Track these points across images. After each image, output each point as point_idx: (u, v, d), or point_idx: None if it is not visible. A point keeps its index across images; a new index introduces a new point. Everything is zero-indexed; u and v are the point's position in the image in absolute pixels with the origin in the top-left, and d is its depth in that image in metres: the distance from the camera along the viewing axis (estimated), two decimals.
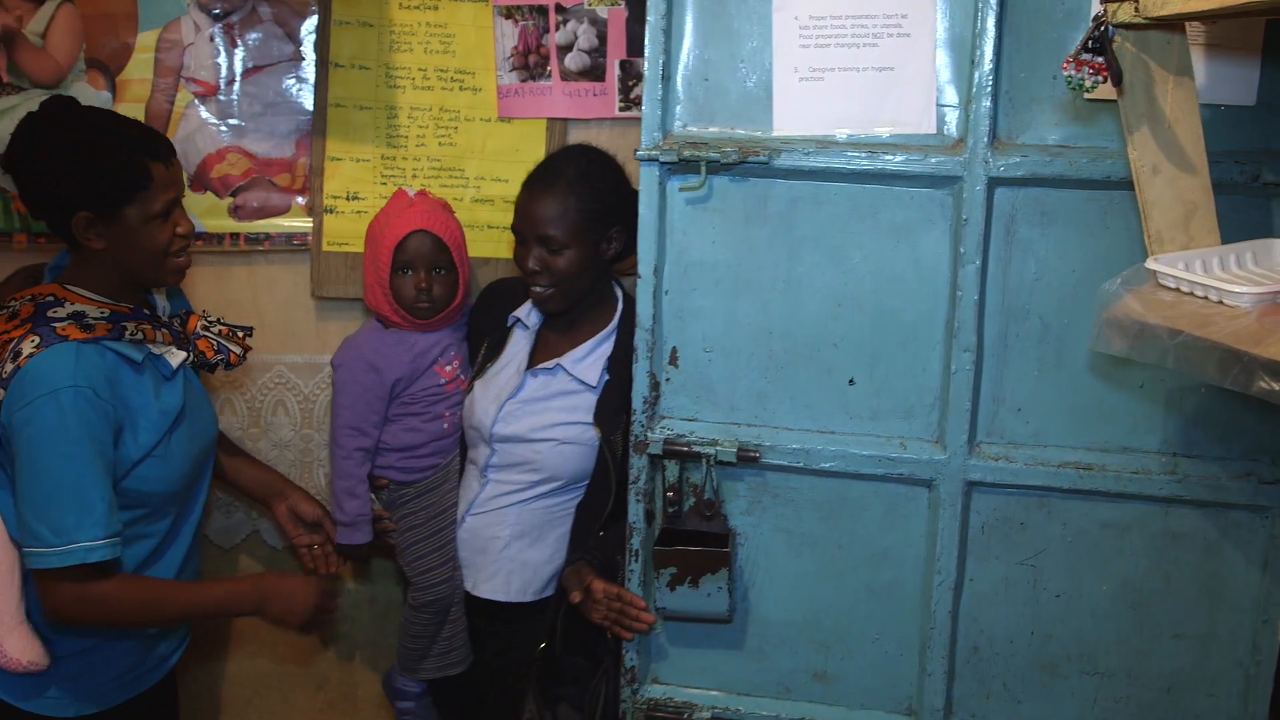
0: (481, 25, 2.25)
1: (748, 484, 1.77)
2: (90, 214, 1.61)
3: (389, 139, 2.27)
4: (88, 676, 1.73)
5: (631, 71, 2.27)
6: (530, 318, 2.02)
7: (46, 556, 1.55)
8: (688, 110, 1.73)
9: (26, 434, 1.54)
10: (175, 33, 2.22)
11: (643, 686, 1.85)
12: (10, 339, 1.59)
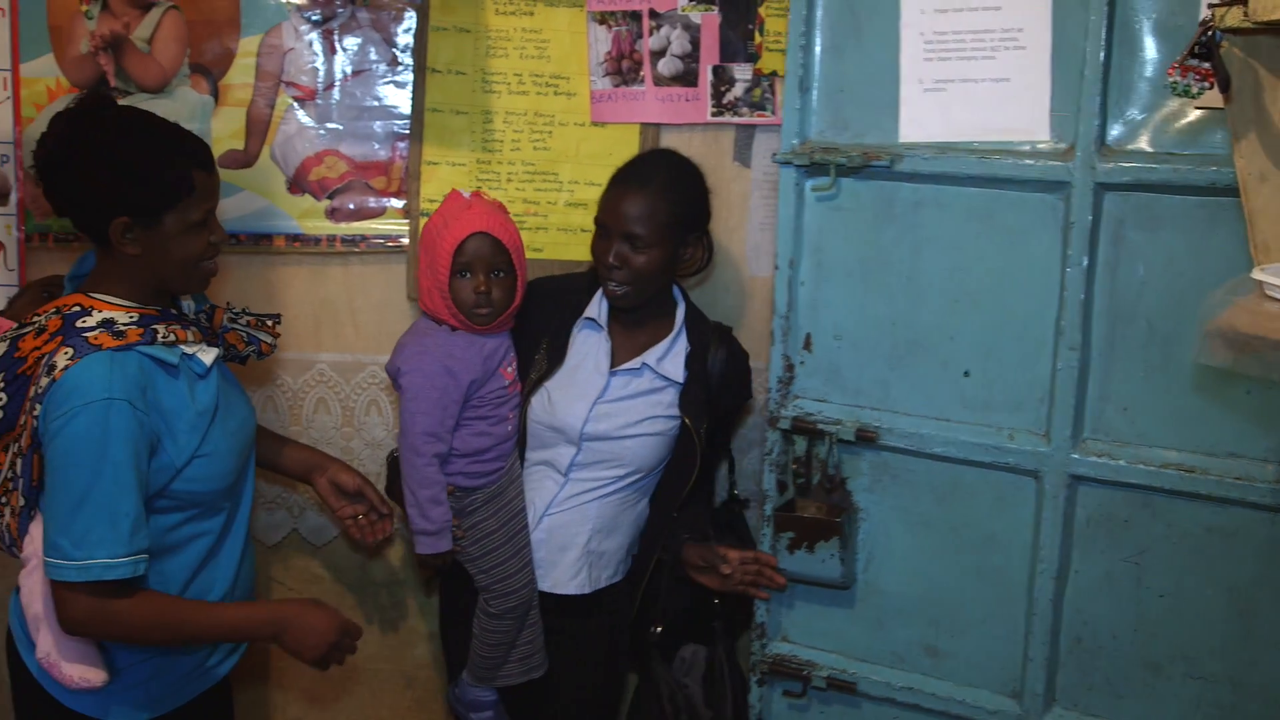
0: (576, 31, 2.30)
1: (869, 463, 1.90)
2: (130, 219, 1.59)
3: (484, 143, 2.32)
4: (154, 681, 1.74)
5: (724, 77, 2.32)
6: (602, 316, 2.05)
7: (64, 569, 1.53)
8: (823, 118, 1.88)
9: (58, 444, 1.52)
10: (276, 38, 2.26)
11: (771, 642, 2.01)
12: (42, 354, 1.57)
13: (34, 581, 1.63)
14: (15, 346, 1.61)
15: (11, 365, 1.59)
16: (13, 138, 2.22)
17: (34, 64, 2.22)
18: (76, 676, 1.61)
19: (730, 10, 2.30)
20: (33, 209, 2.26)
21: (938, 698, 1.89)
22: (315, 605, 1.76)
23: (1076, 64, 1.67)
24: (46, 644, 1.62)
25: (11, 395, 1.58)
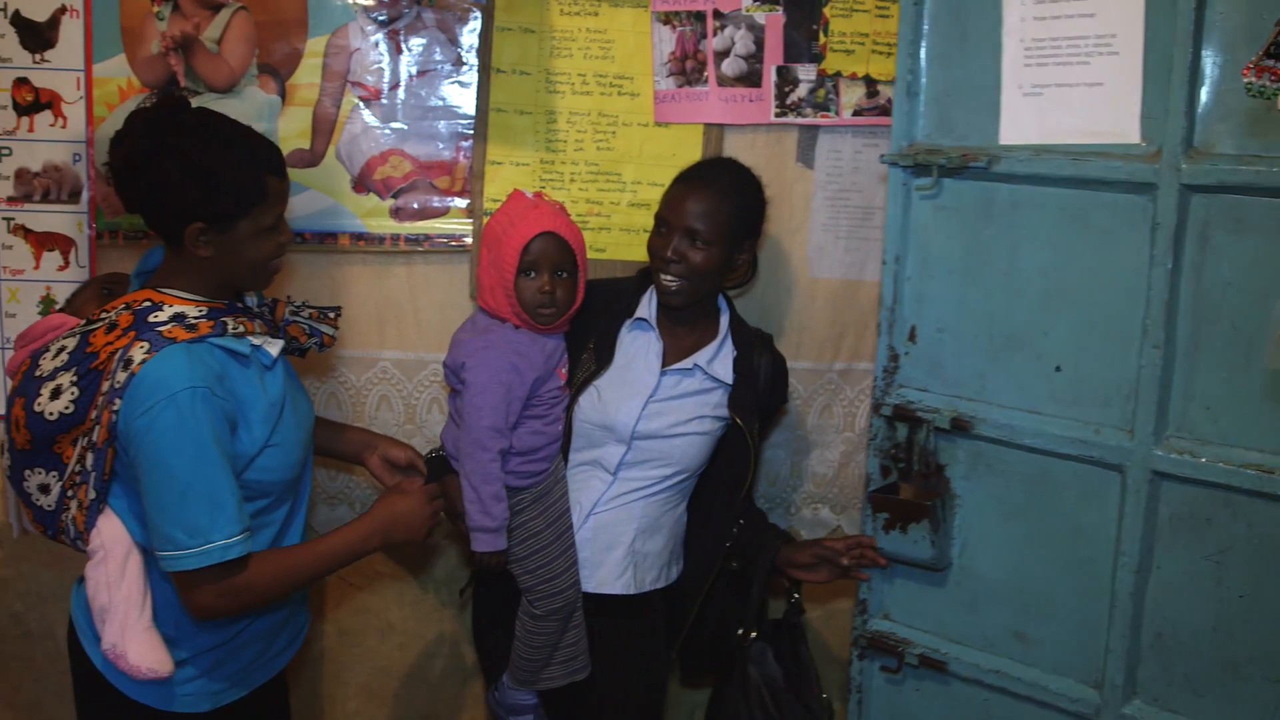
0: (640, 31, 2.30)
1: (965, 452, 1.97)
2: (205, 224, 1.61)
3: (548, 143, 2.33)
4: (218, 671, 1.76)
5: (788, 77, 2.32)
6: (653, 317, 2.06)
7: (184, 558, 1.56)
8: (930, 122, 1.96)
9: (149, 439, 1.54)
10: (343, 38, 2.28)
11: (872, 619, 2.11)
12: (116, 349, 1.59)
13: (100, 573, 1.64)
14: (86, 341, 1.62)
15: (84, 360, 1.61)
16: (85, 137, 2.24)
17: (106, 64, 2.24)
18: (145, 667, 1.62)
19: (795, 10, 2.30)
20: (104, 207, 2.28)
21: (1023, 682, 1.93)
22: (395, 495, 1.85)
23: (1164, 67, 1.69)
24: (113, 635, 1.63)
25: (83, 390, 1.60)
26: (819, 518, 2.49)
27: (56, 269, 2.29)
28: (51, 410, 1.60)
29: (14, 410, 1.65)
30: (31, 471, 1.66)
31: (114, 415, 1.56)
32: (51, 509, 1.68)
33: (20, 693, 2.46)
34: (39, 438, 1.62)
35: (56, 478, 1.65)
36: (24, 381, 1.65)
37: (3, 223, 2.27)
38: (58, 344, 1.66)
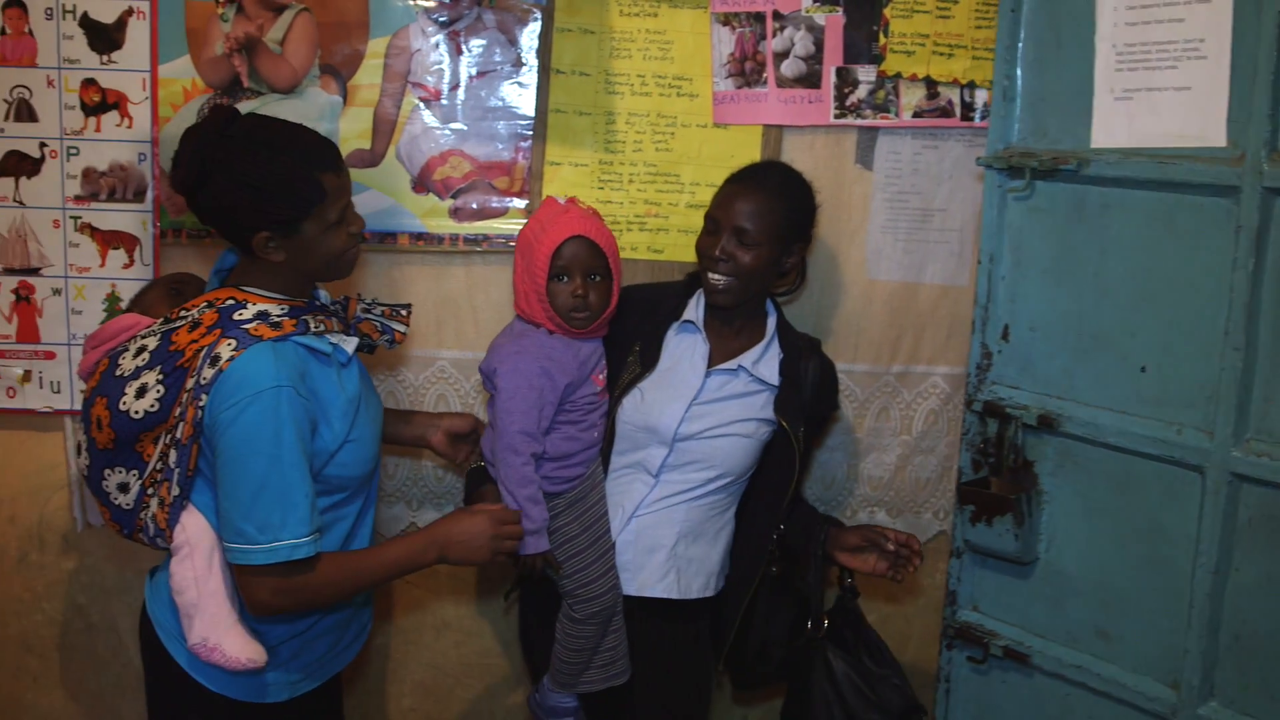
0: (699, 32, 2.30)
1: (1054, 448, 1.99)
2: (270, 232, 1.64)
3: (606, 144, 2.33)
4: (295, 662, 1.78)
5: (847, 79, 2.32)
6: (700, 319, 2.05)
7: (252, 553, 1.58)
8: (1025, 125, 2.01)
9: (231, 433, 1.57)
10: (404, 39, 2.29)
11: (961, 610, 2.15)
12: (201, 346, 1.61)
13: (185, 569, 1.66)
14: (169, 340, 1.64)
15: (169, 358, 1.63)
16: (150, 137, 2.27)
17: (171, 65, 2.27)
18: (244, 658, 1.64)
19: (855, 11, 2.30)
20: (168, 206, 2.31)
21: (1103, 679, 1.94)
22: (462, 513, 1.83)
23: (1250, 72, 1.69)
24: (204, 629, 1.65)
25: (168, 388, 1.62)
26: (875, 521, 2.48)
27: (121, 267, 2.32)
28: (137, 409, 1.62)
29: (95, 410, 1.67)
30: (111, 471, 1.68)
31: (200, 411, 1.58)
32: (130, 508, 1.69)
33: (84, 685, 2.50)
34: (123, 437, 1.64)
35: (136, 476, 1.67)
36: (104, 381, 1.67)
37: (70, 221, 2.31)
38: (137, 343, 1.68)
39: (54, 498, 2.41)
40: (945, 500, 2.48)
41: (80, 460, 1.72)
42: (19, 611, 2.46)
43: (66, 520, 2.42)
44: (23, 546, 2.44)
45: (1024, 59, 1.98)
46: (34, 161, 2.28)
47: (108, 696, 2.50)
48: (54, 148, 2.28)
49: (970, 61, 2.32)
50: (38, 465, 2.40)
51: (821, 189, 2.31)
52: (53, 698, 2.50)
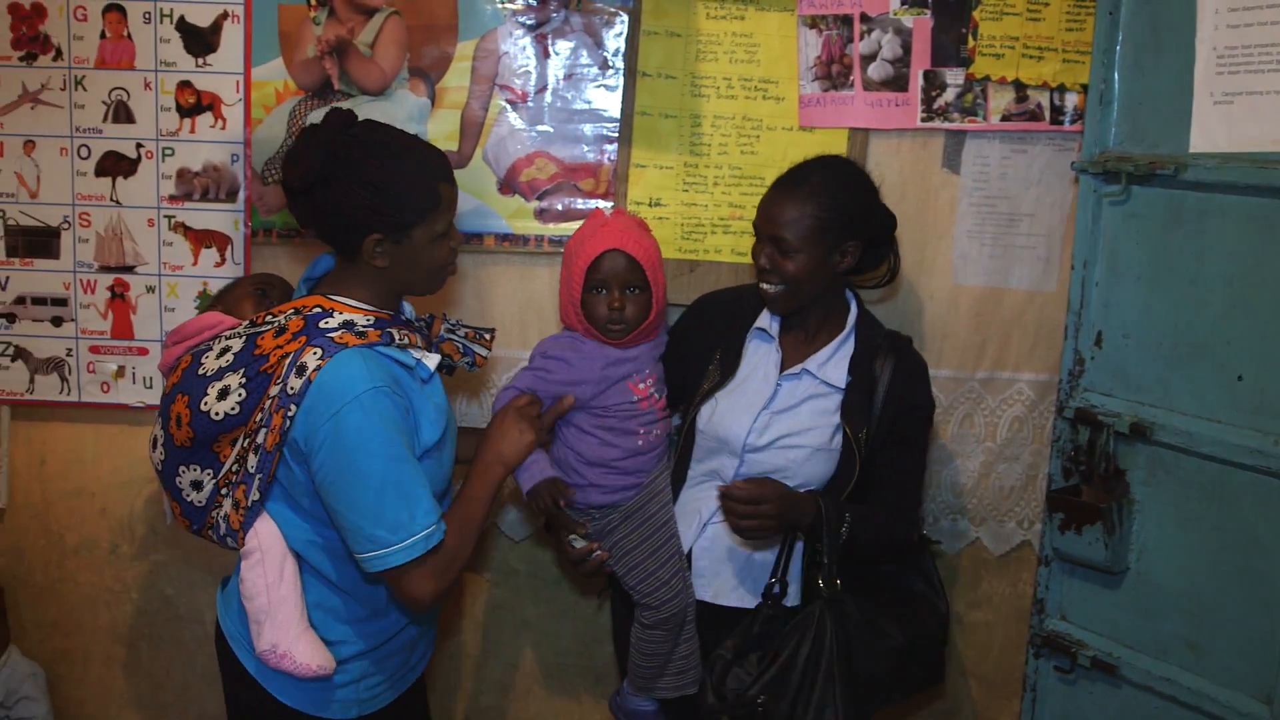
0: (786, 35, 2.30)
1: (1146, 458, 1.97)
2: (382, 235, 1.64)
3: (692, 147, 2.34)
4: (365, 680, 1.78)
5: (935, 82, 2.30)
6: (772, 326, 2.03)
7: (390, 556, 1.59)
8: (1122, 130, 1.98)
9: (338, 446, 1.56)
10: (492, 42, 2.31)
11: (1049, 619, 2.14)
12: (286, 353, 1.60)
13: (257, 575, 1.67)
14: (254, 344, 1.64)
15: (253, 363, 1.62)
16: (243, 138, 2.31)
17: (264, 68, 2.30)
18: (314, 664, 1.65)
19: (943, 14, 2.28)
20: (259, 206, 2.35)
21: (1193, 692, 1.92)
22: (489, 427, 1.89)
23: None
24: (273, 636, 1.66)
25: (250, 392, 1.61)
26: (957, 528, 2.46)
27: (213, 265, 2.36)
28: (218, 410, 1.61)
29: (175, 407, 1.66)
30: (186, 468, 1.68)
31: (288, 421, 1.58)
32: (202, 505, 1.70)
33: (170, 674, 2.55)
34: (201, 436, 1.64)
35: (210, 476, 1.67)
36: (186, 379, 1.67)
37: (164, 220, 2.35)
38: (221, 343, 1.68)
39: (145, 491, 2.47)
40: (1029, 509, 2.45)
41: (155, 454, 1.72)
42: (109, 602, 2.52)
43: (156, 513, 2.47)
44: (113, 538, 2.49)
45: (1121, 62, 1.96)
46: (130, 162, 2.34)
47: (193, 686, 2.55)
48: (150, 148, 2.33)
49: (1060, 64, 2.29)
50: (130, 459, 2.46)
51: (907, 193, 2.33)
52: (140, 686, 2.56)
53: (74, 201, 2.35)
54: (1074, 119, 2.31)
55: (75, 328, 2.39)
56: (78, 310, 2.38)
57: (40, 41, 2.29)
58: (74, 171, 2.34)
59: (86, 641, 2.54)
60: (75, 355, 2.40)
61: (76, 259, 2.36)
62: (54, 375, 2.40)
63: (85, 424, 2.44)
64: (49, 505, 2.48)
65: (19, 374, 2.40)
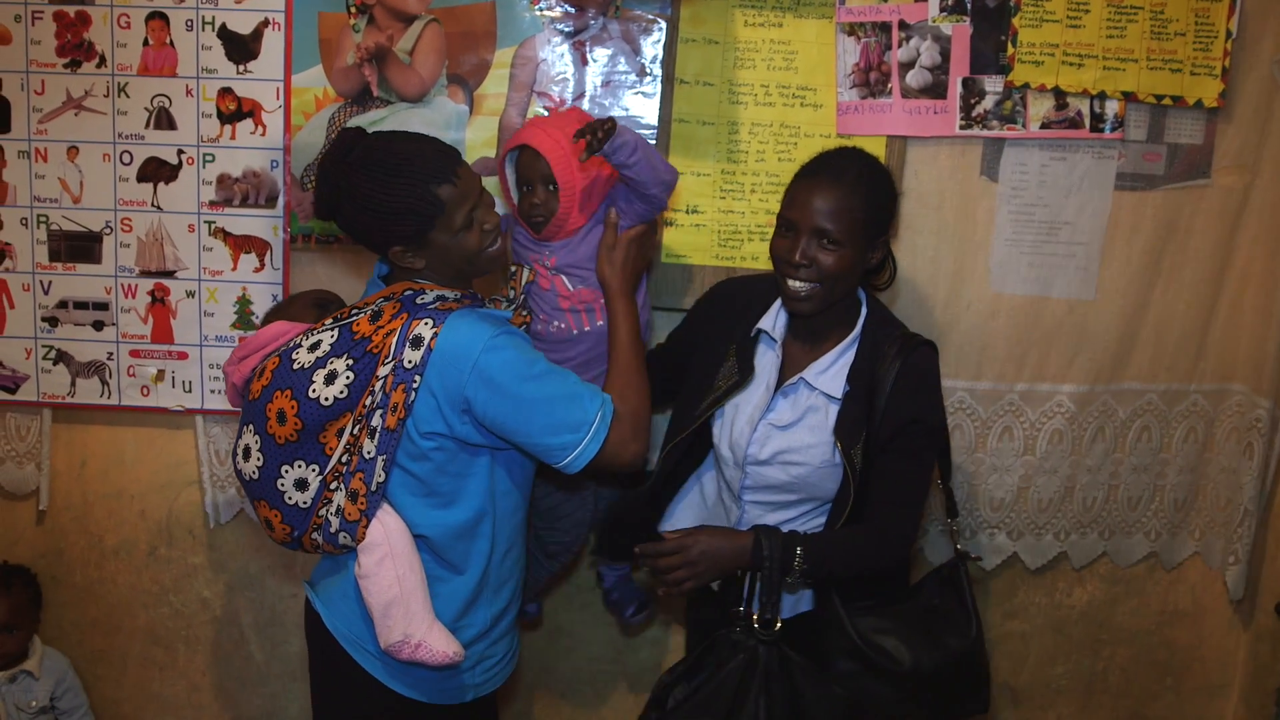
0: (824, 42, 2.29)
1: None
2: (402, 246, 1.71)
3: (729, 154, 2.33)
4: (482, 664, 1.84)
5: (973, 89, 2.28)
6: (776, 329, 1.94)
7: (584, 451, 1.69)
8: None
9: (491, 391, 1.64)
10: (530, 49, 2.32)
11: None
12: (390, 330, 1.66)
13: (387, 569, 1.69)
14: (349, 331, 1.70)
15: (356, 345, 1.69)
16: (283, 144, 2.33)
17: (304, 75, 2.32)
18: (450, 651, 1.71)
19: (982, 21, 2.26)
20: (298, 212, 2.36)
21: None
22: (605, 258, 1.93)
23: None
24: (406, 627, 1.69)
25: (358, 374, 1.67)
26: (995, 543, 2.44)
27: (253, 271, 2.38)
28: (327, 395, 1.66)
29: (275, 405, 1.69)
30: (290, 466, 1.70)
31: (411, 394, 1.64)
32: (307, 505, 1.71)
33: (207, 676, 2.57)
34: (310, 425, 1.67)
35: (316, 471, 1.70)
36: (281, 376, 1.70)
37: (204, 226, 2.37)
38: (309, 340, 1.72)
39: (183, 494, 2.49)
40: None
41: (249, 464, 1.73)
42: (147, 604, 2.54)
43: (194, 516, 2.49)
44: (152, 541, 2.52)
45: None
46: (172, 168, 2.36)
47: (229, 688, 2.57)
48: (191, 154, 2.35)
49: (1101, 72, 2.27)
50: (168, 462, 2.48)
51: (946, 201, 2.32)
52: (177, 688, 2.58)
53: (116, 207, 2.37)
54: (1114, 127, 2.29)
55: (116, 332, 2.41)
56: (118, 314, 2.40)
57: (84, 49, 2.32)
58: (116, 177, 2.36)
59: (125, 642, 2.56)
60: (116, 359, 2.42)
61: (118, 264, 2.39)
62: (95, 379, 2.43)
63: (125, 427, 2.47)
64: (89, 507, 2.51)
65: (60, 377, 2.43)
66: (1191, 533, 2.51)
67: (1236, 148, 2.32)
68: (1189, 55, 2.27)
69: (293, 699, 2.58)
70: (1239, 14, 2.25)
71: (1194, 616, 2.53)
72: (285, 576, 2.51)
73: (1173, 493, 2.48)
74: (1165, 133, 2.32)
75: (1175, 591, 2.49)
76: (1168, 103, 2.28)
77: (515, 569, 1.87)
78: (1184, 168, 2.33)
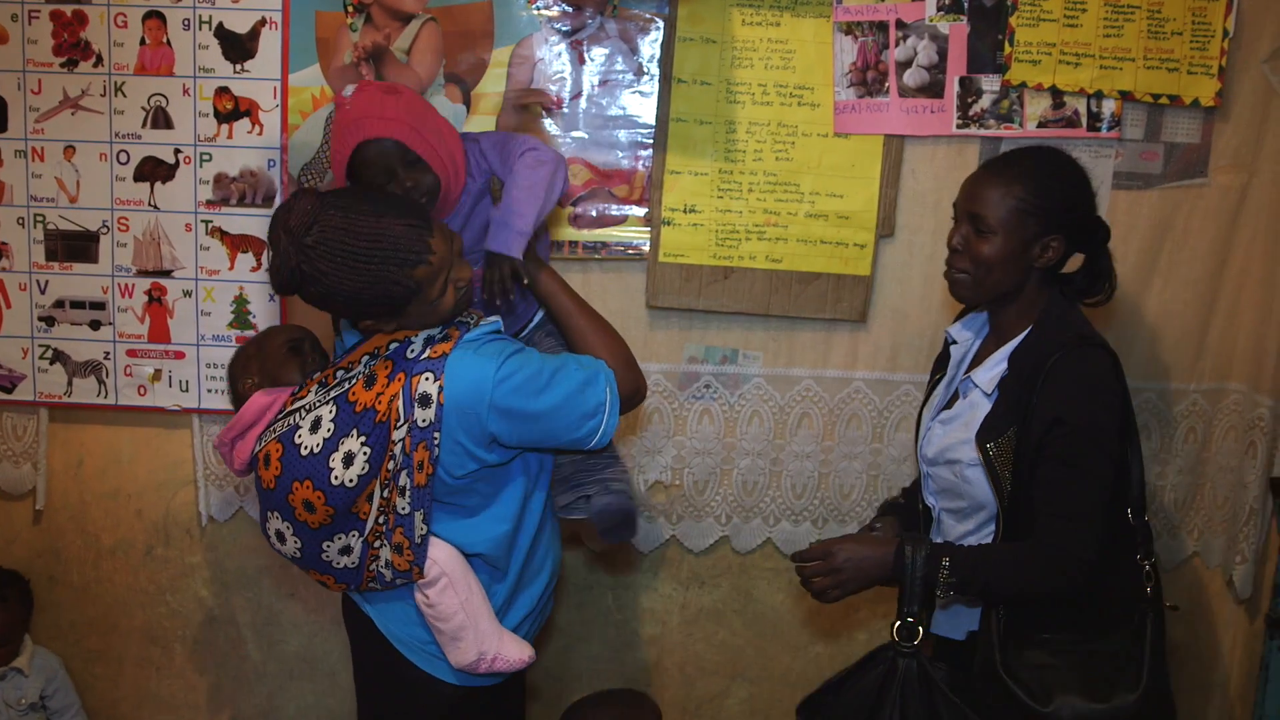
0: (821, 41, 2.29)
1: None
2: (374, 320, 1.63)
3: (727, 153, 2.33)
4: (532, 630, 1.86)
5: (971, 88, 2.28)
6: (961, 333, 1.94)
7: (609, 426, 1.69)
8: None
9: (511, 417, 1.61)
10: (527, 49, 2.32)
11: None
12: (392, 394, 1.59)
13: (449, 598, 1.68)
14: (348, 402, 1.62)
15: (363, 418, 1.60)
16: (280, 144, 2.33)
17: (301, 74, 2.32)
18: (525, 656, 1.75)
19: (979, 20, 2.27)
20: None
21: None
22: None
23: None
24: (479, 646, 1.71)
25: (374, 446, 1.60)
26: None
27: (249, 270, 2.38)
28: (351, 478, 1.60)
29: (298, 496, 1.63)
30: (331, 541, 1.66)
31: (435, 450, 1.60)
32: (355, 565, 1.68)
33: (204, 675, 2.57)
34: (341, 508, 1.62)
35: (357, 535, 1.65)
36: (291, 467, 1.63)
37: (201, 225, 2.37)
38: (305, 417, 1.64)
39: (180, 493, 2.49)
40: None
41: (287, 547, 1.69)
42: (144, 603, 2.54)
43: (191, 515, 2.49)
44: (149, 540, 2.51)
45: None
46: (169, 167, 2.35)
47: (226, 687, 2.57)
48: (188, 154, 2.35)
49: (1098, 71, 2.27)
50: (165, 461, 2.48)
51: (943, 200, 2.31)
52: (173, 687, 2.58)
53: (113, 206, 2.37)
54: (1111, 126, 2.29)
55: (113, 331, 2.41)
56: (115, 314, 2.40)
57: (81, 48, 2.31)
58: (113, 176, 2.36)
59: (121, 642, 2.56)
60: (113, 358, 2.42)
61: (115, 263, 2.39)
62: (91, 378, 2.42)
63: (122, 426, 2.46)
64: (85, 507, 2.50)
65: (57, 377, 2.42)
66: (1190, 532, 2.51)
67: (1234, 147, 2.32)
68: (1186, 54, 2.27)
69: (289, 698, 2.57)
70: (1236, 13, 2.25)
71: (1191, 615, 2.53)
72: (282, 576, 2.51)
73: (1172, 492, 2.48)
74: (1162, 132, 2.32)
75: (1173, 590, 2.49)
76: (1164, 102, 2.29)
77: (552, 544, 1.87)
78: (1181, 167, 2.34)
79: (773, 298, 2.37)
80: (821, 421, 2.44)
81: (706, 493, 2.47)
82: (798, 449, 2.45)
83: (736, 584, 2.53)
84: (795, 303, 2.37)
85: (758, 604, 2.53)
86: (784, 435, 2.45)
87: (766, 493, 2.48)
